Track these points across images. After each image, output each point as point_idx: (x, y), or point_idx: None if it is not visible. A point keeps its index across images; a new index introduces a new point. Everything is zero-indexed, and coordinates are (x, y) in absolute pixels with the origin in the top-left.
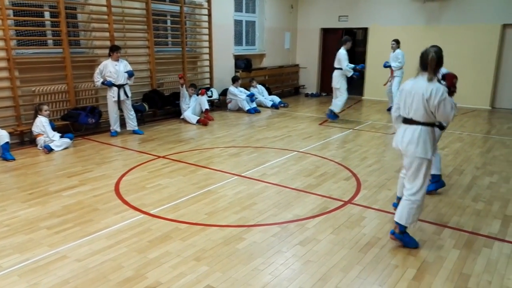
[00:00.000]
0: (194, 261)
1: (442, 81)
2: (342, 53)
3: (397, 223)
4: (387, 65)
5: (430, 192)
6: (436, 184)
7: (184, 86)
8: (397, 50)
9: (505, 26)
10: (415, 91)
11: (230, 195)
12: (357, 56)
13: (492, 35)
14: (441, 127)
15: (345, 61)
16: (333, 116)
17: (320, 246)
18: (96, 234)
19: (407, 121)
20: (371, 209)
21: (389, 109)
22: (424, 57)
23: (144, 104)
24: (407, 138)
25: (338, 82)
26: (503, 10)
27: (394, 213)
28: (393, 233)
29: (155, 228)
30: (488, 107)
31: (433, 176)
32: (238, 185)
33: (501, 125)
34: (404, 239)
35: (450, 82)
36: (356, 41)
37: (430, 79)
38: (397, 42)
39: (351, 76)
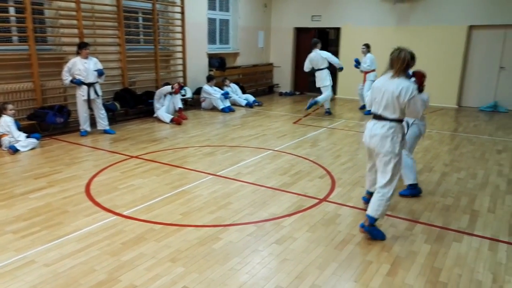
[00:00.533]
0: (169, 262)
1: (411, 79)
2: (325, 52)
3: (367, 215)
4: (356, 64)
5: (404, 195)
6: (411, 190)
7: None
8: (368, 54)
9: (471, 28)
10: (385, 88)
11: (205, 195)
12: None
13: (459, 36)
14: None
15: (334, 57)
16: (311, 105)
17: (296, 244)
18: (65, 238)
19: (377, 117)
20: (346, 207)
21: (361, 108)
22: (395, 56)
23: (116, 103)
24: (375, 134)
25: (325, 80)
26: (469, 12)
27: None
28: (362, 226)
29: (129, 229)
30: (455, 106)
31: (410, 185)
32: (213, 185)
33: (468, 123)
34: (372, 231)
35: (420, 80)
36: (329, 40)
37: (397, 76)
38: (367, 46)
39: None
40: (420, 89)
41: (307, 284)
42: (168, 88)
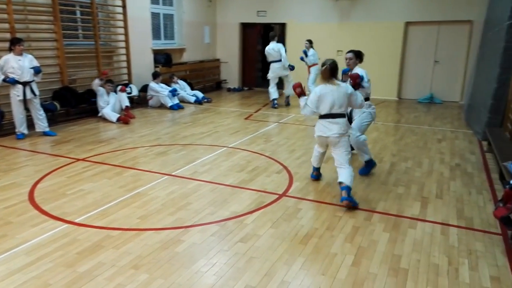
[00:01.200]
0: (132, 270)
1: (349, 81)
2: (278, 45)
3: (346, 187)
4: (303, 57)
5: (365, 174)
6: (368, 168)
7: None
8: (311, 50)
9: (407, 24)
10: (337, 92)
11: (163, 196)
12: None
13: (397, 31)
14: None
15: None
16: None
17: (261, 241)
18: (13, 251)
19: (331, 116)
20: (306, 200)
21: None
22: (322, 69)
23: (55, 103)
24: (334, 128)
25: (286, 70)
26: (405, 9)
27: (326, 203)
28: (345, 199)
29: (83, 238)
30: (395, 98)
31: (367, 161)
32: (169, 185)
33: (409, 115)
34: (353, 200)
35: (354, 81)
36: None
37: (333, 83)
38: (310, 42)
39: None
40: (356, 88)
41: (277, 281)
42: (96, 81)
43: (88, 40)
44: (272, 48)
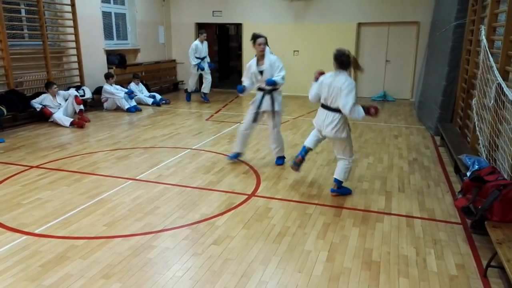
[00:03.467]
0: (102, 279)
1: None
2: (192, 45)
3: (336, 180)
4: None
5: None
6: (282, 159)
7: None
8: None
9: (360, 25)
10: (334, 85)
11: (128, 202)
12: (232, 50)
13: (350, 32)
14: None
15: (192, 54)
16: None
17: (235, 242)
18: None
19: (327, 107)
20: (275, 199)
21: None
22: (343, 57)
23: (1, 107)
24: (328, 122)
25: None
26: (357, 10)
27: (295, 201)
28: (333, 191)
29: (45, 249)
30: None
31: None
32: (134, 190)
33: None
34: (342, 191)
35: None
36: (229, 36)
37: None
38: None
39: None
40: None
41: (255, 281)
42: (43, 96)
43: (35, 40)
44: None
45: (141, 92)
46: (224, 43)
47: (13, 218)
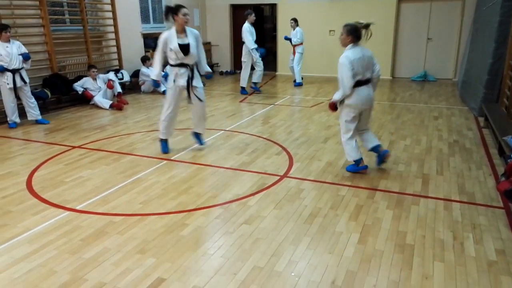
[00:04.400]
0: (138, 255)
1: None
2: (245, 27)
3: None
4: (287, 38)
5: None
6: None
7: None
8: (297, 28)
9: (400, 1)
10: (365, 56)
11: (163, 181)
12: (267, 32)
13: (389, 9)
14: None
15: (249, 35)
16: (244, 90)
17: (266, 222)
18: (15, 240)
19: (364, 82)
20: (307, 181)
21: (295, 84)
22: (358, 31)
23: (46, 90)
24: (371, 95)
25: (244, 56)
26: None
27: (328, 182)
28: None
29: (86, 224)
30: (389, 77)
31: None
32: (169, 170)
33: (404, 93)
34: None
35: None
36: (264, 17)
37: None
38: (295, 20)
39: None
40: None
41: (284, 261)
42: (84, 80)
43: (76, 25)
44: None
45: None
46: (259, 24)
47: (56, 194)
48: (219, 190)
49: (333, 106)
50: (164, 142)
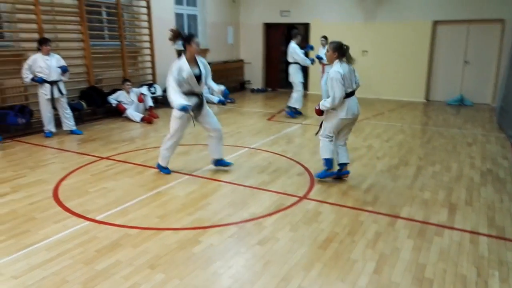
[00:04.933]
0: (148, 269)
1: None
2: (293, 46)
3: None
4: (318, 57)
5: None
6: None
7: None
8: (327, 46)
9: (436, 23)
10: (350, 70)
11: (182, 196)
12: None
13: (424, 31)
14: None
15: (300, 53)
16: (292, 112)
17: (280, 244)
18: (34, 246)
19: (352, 93)
20: (327, 204)
21: None
22: (345, 49)
23: (82, 102)
24: (358, 103)
25: (294, 76)
26: (433, 7)
27: (348, 206)
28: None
29: (103, 235)
30: (423, 100)
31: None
32: (189, 185)
33: (437, 117)
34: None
35: None
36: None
37: (352, 63)
38: (325, 38)
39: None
40: None
41: (293, 286)
42: (119, 93)
43: (114, 41)
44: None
45: (207, 90)
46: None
47: (79, 204)
48: (236, 208)
49: (320, 112)
50: (165, 169)
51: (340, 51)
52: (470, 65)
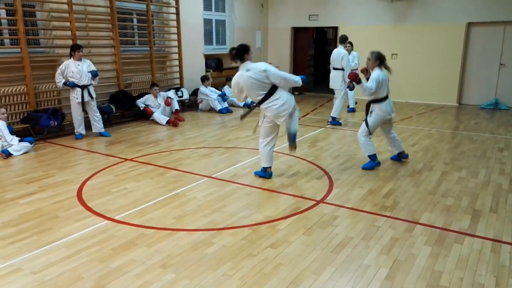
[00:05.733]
0: (160, 269)
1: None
2: (345, 53)
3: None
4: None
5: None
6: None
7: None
8: (353, 52)
9: (469, 25)
10: (386, 77)
11: (200, 198)
12: (328, 55)
13: (458, 33)
14: None
15: (350, 61)
16: (338, 121)
17: (292, 248)
18: (54, 244)
19: (387, 97)
20: (344, 208)
21: (348, 110)
22: (384, 57)
23: (111, 106)
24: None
25: (338, 83)
26: (467, 8)
27: (365, 211)
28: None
29: (119, 234)
30: (455, 104)
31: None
32: (208, 187)
33: (468, 121)
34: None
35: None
36: (327, 40)
37: (390, 72)
38: (351, 44)
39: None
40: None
41: None
42: (147, 97)
43: (143, 46)
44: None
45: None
46: (321, 47)
47: (101, 204)
48: (252, 210)
49: (356, 78)
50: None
51: (381, 60)
52: (506, 68)
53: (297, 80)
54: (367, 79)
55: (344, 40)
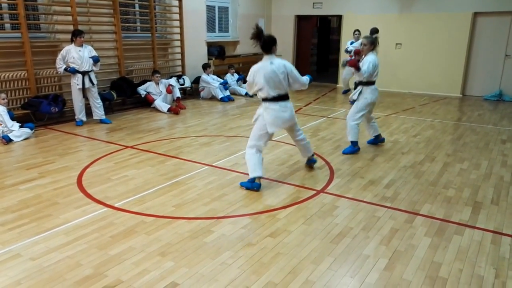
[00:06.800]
0: (159, 257)
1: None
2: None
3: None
4: (349, 50)
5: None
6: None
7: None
8: (361, 40)
9: (476, 14)
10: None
11: (200, 186)
12: (333, 43)
13: (463, 23)
14: None
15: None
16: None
17: (291, 237)
18: (53, 230)
19: (374, 82)
20: (344, 198)
21: (344, 92)
22: (376, 41)
23: (112, 92)
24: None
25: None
26: None
27: (365, 202)
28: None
29: (119, 222)
30: (459, 95)
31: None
32: (208, 176)
33: (472, 112)
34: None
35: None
36: (330, 29)
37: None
38: (359, 32)
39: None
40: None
41: (301, 279)
42: (148, 84)
43: (145, 33)
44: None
45: (235, 82)
46: (325, 36)
47: (101, 191)
48: (252, 199)
49: (356, 66)
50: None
51: (374, 45)
52: (511, 59)
53: (306, 82)
54: (358, 61)
55: (373, 32)
